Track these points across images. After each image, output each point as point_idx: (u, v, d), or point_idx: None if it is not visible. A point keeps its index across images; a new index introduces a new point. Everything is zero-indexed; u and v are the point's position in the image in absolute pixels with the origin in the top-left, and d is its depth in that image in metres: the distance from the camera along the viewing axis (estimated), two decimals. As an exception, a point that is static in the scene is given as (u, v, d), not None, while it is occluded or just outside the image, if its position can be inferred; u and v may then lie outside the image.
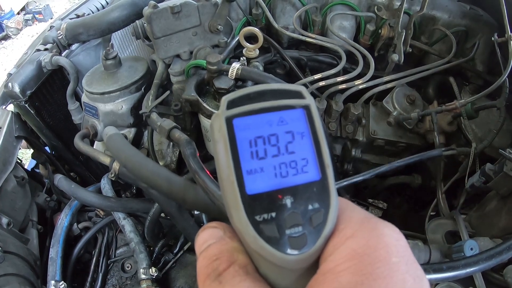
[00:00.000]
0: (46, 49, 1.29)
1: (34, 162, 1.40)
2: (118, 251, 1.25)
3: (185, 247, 1.19)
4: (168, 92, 1.08)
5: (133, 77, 1.13)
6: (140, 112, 1.07)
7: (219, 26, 1.11)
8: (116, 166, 0.98)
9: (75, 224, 1.22)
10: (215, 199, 0.71)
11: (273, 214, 0.30)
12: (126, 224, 1.16)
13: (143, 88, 1.16)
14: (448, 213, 1.08)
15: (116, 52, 1.14)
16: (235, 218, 0.30)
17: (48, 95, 1.30)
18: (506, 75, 1.00)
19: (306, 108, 0.32)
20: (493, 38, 1.07)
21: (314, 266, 0.32)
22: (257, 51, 1.10)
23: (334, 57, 1.32)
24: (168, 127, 0.95)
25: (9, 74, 1.26)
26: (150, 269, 1.09)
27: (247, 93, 0.31)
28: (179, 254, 1.18)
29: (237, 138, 0.30)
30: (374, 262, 0.30)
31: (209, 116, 1.04)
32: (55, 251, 1.15)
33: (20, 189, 1.19)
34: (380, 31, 1.27)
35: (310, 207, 0.30)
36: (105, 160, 1.02)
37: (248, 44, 1.07)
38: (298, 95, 0.32)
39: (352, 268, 0.30)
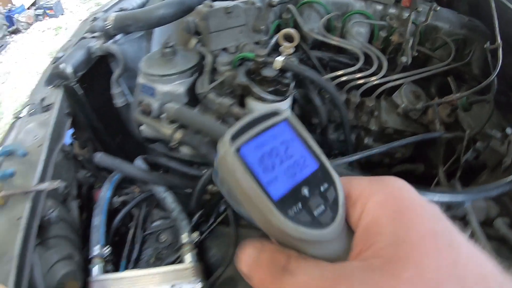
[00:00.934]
0: (93, 37, 1.34)
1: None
2: (153, 225, 1.27)
3: (218, 220, 1.23)
4: (224, 77, 1.16)
5: (188, 64, 1.20)
6: (198, 92, 1.16)
7: (262, 27, 1.26)
8: (178, 135, 1.02)
9: (115, 197, 1.27)
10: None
11: (300, 205, 0.34)
12: (168, 196, 1.16)
13: (196, 74, 1.23)
14: (447, 184, 1.18)
15: (174, 42, 1.22)
16: (275, 222, 0.33)
17: (93, 80, 1.32)
18: (495, 75, 1.12)
19: (286, 120, 0.37)
20: (485, 46, 1.18)
21: (346, 230, 0.36)
22: (292, 49, 1.22)
23: (351, 58, 1.41)
24: (229, 103, 1.08)
25: (57, 58, 1.30)
26: (192, 235, 1.15)
27: (241, 127, 0.35)
28: (213, 225, 1.23)
29: (248, 162, 0.33)
30: (398, 202, 0.33)
31: (257, 98, 1.14)
32: (99, 219, 1.16)
33: (66, 162, 1.22)
34: (391, 37, 1.39)
35: (322, 188, 0.35)
36: (166, 131, 1.06)
37: (285, 43, 1.19)
38: (277, 114, 0.37)
39: (386, 213, 0.32)
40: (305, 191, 0.34)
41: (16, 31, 6.01)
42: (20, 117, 1.21)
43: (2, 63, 5.36)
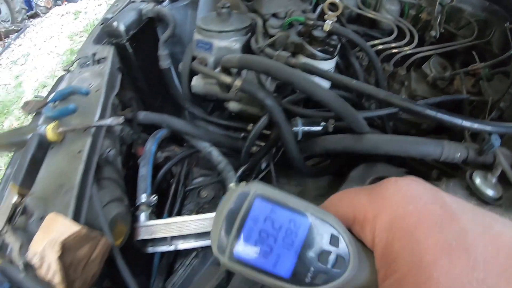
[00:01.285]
0: (143, 1, 1.36)
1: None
2: (194, 181, 1.27)
3: (260, 176, 1.23)
4: (277, 36, 1.19)
5: (243, 24, 1.24)
6: (254, 48, 1.19)
7: (309, -3, 1.29)
8: (238, 82, 1.02)
9: (159, 152, 1.28)
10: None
11: (312, 269, 0.33)
12: (213, 150, 1.17)
13: (249, 34, 1.27)
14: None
15: (229, 4, 1.26)
16: None
17: (140, 41, 1.32)
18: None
19: (257, 196, 0.35)
20: (505, 25, 1.25)
21: (363, 253, 0.35)
22: (336, 18, 1.24)
23: (383, 33, 1.47)
24: (286, 55, 1.11)
25: (106, 19, 1.30)
26: (240, 184, 1.13)
27: (223, 228, 0.34)
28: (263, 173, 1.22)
29: (246, 261, 0.33)
30: (403, 221, 0.32)
31: (308, 55, 1.16)
32: (146, 169, 1.17)
33: (113, 114, 1.24)
34: (420, 15, 1.45)
35: (324, 240, 0.34)
36: (226, 79, 1.06)
37: (330, 12, 1.23)
38: (245, 194, 0.35)
39: (396, 238, 0.32)
40: (310, 253, 0.33)
41: (34, 16, 6.01)
42: (70, 71, 1.23)
43: (21, 46, 5.36)
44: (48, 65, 4.79)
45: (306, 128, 1.08)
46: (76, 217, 0.84)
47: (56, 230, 0.82)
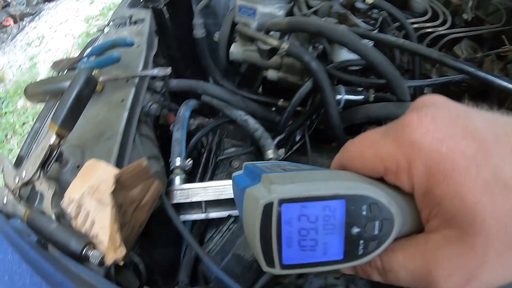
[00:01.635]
0: (180, -32, 1.29)
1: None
2: (225, 151, 1.16)
3: (295, 147, 1.13)
4: (321, 5, 1.11)
5: None
6: (298, 14, 1.10)
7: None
8: (285, 45, 0.93)
9: (191, 120, 1.18)
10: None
11: (361, 242, 0.31)
12: (249, 118, 1.07)
13: (291, 3, 1.17)
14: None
15: None
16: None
17: (176, 8, 1.23)
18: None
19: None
20: None
21: (403, 200, 0.32)
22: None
23: (414, 15, 1.37)
24: (334, 21, 1.05)
25: None
26: (278, 150, 1.02)
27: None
28: (289, 152, 1.12)
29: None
30: (439, 167, 0.28)
31: (351, 25, 1.06)
32: (180, 134, 1.06)
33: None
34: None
35: (363, 211, 0.31)
36: (273, 41, 0.97)
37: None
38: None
39: (434, 184, 0.29)
40: (355, 229, 0.30)
41: (50, -1, 5.82)
42: (104, 32, 1.13)
43: (36, 28, 5.18)
44: (63, 47, 4.63)
45: (349, 96, 0.99)
46: (118, 165, 0.72)
47: (97, 176, 0.71)
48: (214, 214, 0.96)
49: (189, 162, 0.99)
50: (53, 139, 0.72)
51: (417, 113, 0.30)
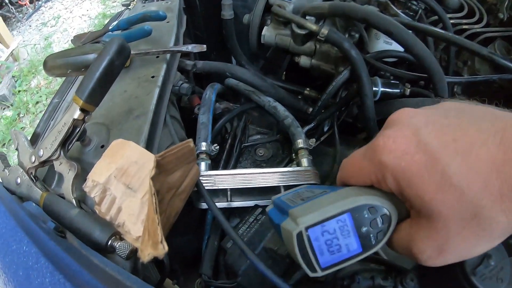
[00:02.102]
0: None
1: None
2: (250, 138, 1.03)
3: (322, 138, 1.00)
4: None
5: None
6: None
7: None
8: (324, 30, 0.80)
9: (217, 103, 1.05)
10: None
11: (372, 235, 0.39)
12: (278, 105, 0.94)
13: None
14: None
15: None
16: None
17: None
18: None
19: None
20: None
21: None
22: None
23: (447, 11, 1.22)
24: (376, 9, 0.92)
25: None
26: (309, 140, 0.92)
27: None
28: (317, 142, 1.02)
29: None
30: (404, 184, 0.36)
31: (392, 14, 0.95)
32: (207, 118, 0.93)
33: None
34: (485, -2, 1.23)
35: (365, 216, 0.39)
36: (311, 26, 0.84)
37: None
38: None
39: (401, 189, 0.36)
40: (364, 228, 0.39)
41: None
42: (130, 7, 0.99)
43: (51, 9, 4.95)
44: (79, 28, 4.42)
45: (385, 89, 0.87)
46: (148, 146, 0.59)
47: (125, 157, 0.58)
48: (238, 203, 0.84)
49: (216, 147, 0.86)
50: (77, 113, 0.59)
51: (382, 137, 0.37)
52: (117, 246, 0.53)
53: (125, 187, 0.56)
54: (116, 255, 0.53)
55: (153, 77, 0.69)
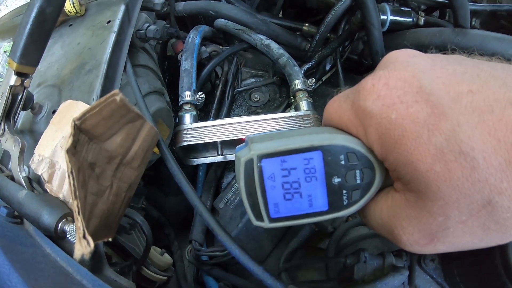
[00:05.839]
0: None
1: None
2: (243, 83, 0.90)
3: (325, 77, 0.86)
4: None
5: None
6: None
7: None
8: None
9: (203, 47, 0.90)
10: None
11: (344, 192, 0.29)
12: (272, 42, 0.78)
13: None
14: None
15: None
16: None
17: None
18: None
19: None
20: None
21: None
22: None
23: None
24: None
25: None
26: (308, 80, 0.78)
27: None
28: (319, 82, 0.89)
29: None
30: (389, 133, 0.25)
31: None
32: (190, 64, 0.79)
33: None
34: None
35: (341, 161, 0.28)
36: None
37: None
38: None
39: (388, 152, 0.26)
40: (336, 179, 0.28)
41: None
42: None
43: None
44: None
45: (395, 17, 0.70)
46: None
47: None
48: (232, 156, 0.72)
49: (201, 96, 0.74)
50: (13, 79, 0.48)
51: (372, 77, 0.27)
52: (68, 229, 0.43)
53: (67, 145, 0.45)
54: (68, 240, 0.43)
55: (108, 22, 0.55)
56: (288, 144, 0.28)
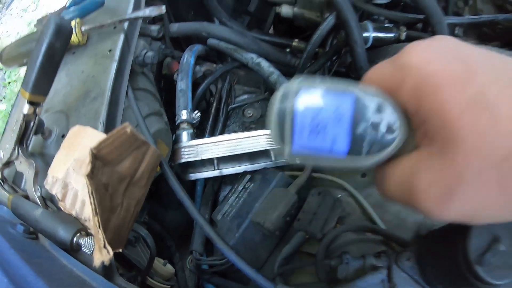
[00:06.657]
0: None
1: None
2: (237, 99, 0.94)
3: None
4: None
5: None
6: None
7: None
8: None
9: (197, 67, 0.97)
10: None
11: (367, 140, 0.29)
12: (263, 61, 0.85)
13: None
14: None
15: None
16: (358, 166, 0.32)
17: None
18: None
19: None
20: None
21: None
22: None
23: None
24: None
25: None
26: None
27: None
28: None
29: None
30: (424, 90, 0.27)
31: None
32: (185, 84, 0.85)
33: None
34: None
35: (370, 112, 0.29)
36: None
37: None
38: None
39: (418, 104, 0.28)
40: (362, 126, 0.29)
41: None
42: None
43: None
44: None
45: (378, 33, 0.77)
46: (108, 129, 0.53)
47: (82, 146, 0.51)
48: (228, 170, 0.78)
49: (197, 114, 0.80)
50: (26, 108, 0.54)
51: (416, 42, 0.29)
52: (82, 243, 0.49)
53: (86, 171, 0.51)
54: (83, 253, 0.49)
55: (110, 51, 0.62)
56: (328, 84, 0.30)
